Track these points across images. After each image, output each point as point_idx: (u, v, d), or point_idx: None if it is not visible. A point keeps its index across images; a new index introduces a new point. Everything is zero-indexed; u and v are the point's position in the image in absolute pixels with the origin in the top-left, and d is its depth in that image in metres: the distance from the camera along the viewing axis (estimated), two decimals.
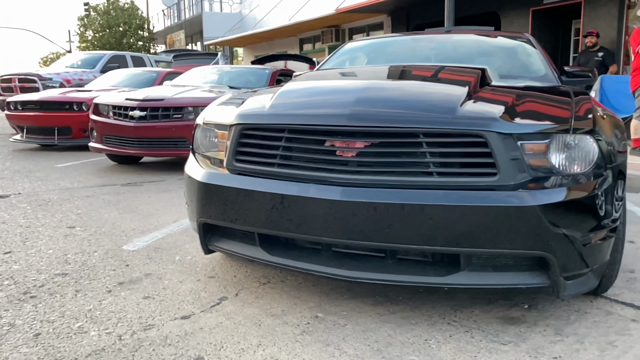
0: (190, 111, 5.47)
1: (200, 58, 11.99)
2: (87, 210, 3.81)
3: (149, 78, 9.06)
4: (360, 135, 1.74)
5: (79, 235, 3.12)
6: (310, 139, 1.83)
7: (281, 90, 2.11)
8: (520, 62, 3.10)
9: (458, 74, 2.31)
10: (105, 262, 2.63)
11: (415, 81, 2.17)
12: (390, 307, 2.06)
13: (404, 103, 1.79)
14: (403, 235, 1.66)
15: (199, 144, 2.28)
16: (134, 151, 5.48)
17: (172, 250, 2.82)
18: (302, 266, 1.86)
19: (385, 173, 1.71)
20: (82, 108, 7.46)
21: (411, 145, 1.71)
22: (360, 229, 1.68)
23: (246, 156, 1.95)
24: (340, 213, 1.67)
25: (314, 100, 1.92)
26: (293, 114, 1.85)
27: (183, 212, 3.72)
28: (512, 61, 3.13)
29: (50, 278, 2.39)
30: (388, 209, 1.64)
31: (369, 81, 2.04)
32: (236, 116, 1.98)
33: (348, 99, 1.82)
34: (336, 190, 1.68)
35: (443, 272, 1.76)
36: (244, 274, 2.45)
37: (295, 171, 1.81)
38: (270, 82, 7.02)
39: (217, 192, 1.94)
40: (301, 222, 1.76)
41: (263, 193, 1.81)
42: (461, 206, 1.61)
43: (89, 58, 12.03)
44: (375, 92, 1.87)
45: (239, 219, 1.91)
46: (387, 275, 1.76)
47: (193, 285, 2.31)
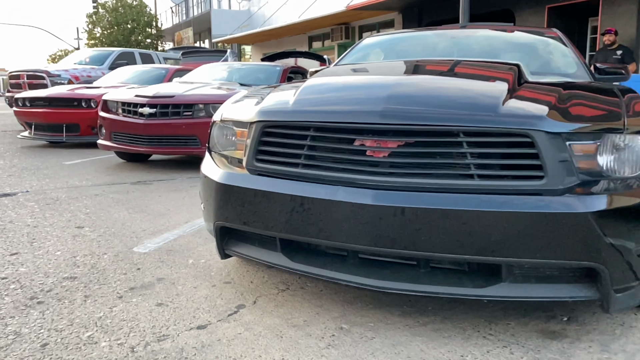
0: (200, 108, 5.35)
1: (209, 55, 11.86)
2: (96, 209, 3.70)
3: (158, 75, 8.97)
4: (393, 134, 1.61)
5: (87, 236, 3.01)
6: (337, 138, 1.69)
7: (305, 86, 1.98)
8: (550, 58, 2.95)
9: (492, 70, 2.16)
10: (115, 265, 2.52)
11: (450, 77, 2.03)
12: (419, 318, 1.93)
13: (441, 100, 1.66)
14: (440, 244, 1.52)
15: (215, 142, 2.15)
16: (144, 149, 5.37)
17: (185, 253, 2.70)
18: (327, 274, 1.73)
19: (420, 175, 1.58)
20: (90, 105, 7.38)
21: (450, 145, 1.57)
22: (393, 236, 1.54)
23: (268, 156, 1.82)
24: (371, 218, 1.54)
25: (342, 96, 1.79)
26: (319, 111, 1.72)
27: (195, 213, 3.60)
28: (541, 57, 2.98)
29: (58, 282, 2.28)
30: (425, 214, 1.50)
31: (401, 76, 1.90)
32: (257, 113, 1.85)
33: (379, 94, 1.69)
34: (367, 193, 1.55)
35: (482, 283, 1.62)
36: (261, 279, 2.32)
37: (321, 172, 1.68)
38: (282, 80, 6.90)
39: (236, 194, 1.81)
40: (327, 227, 1.63)
41: (286, 195, 1.68)
42: (506, 212, 1.47)
43: (97, 55, 11.96)
44: (408, 88, 1.74)
45: (259, 223, 1.78)
46: (420, 286, 1.63)
47: (208, 291, 2.18)
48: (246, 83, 6.59)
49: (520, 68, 2.13)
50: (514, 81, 1.86)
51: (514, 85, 1.83)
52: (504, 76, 1.93)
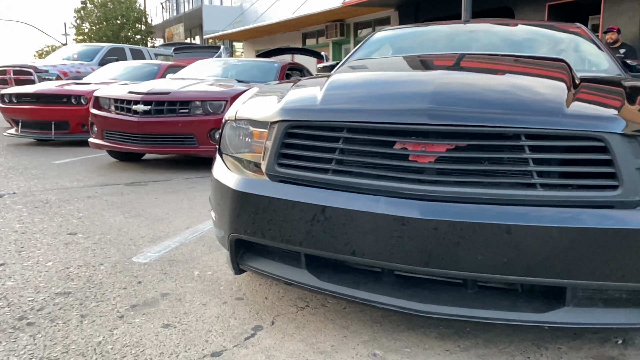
0: (198, 106, 5.12)
1: (202, 51, 11.60)
2: (89, 213, 3.45)
3: (150, 71, 8.70)
4: (442, 136, 1.40)
5: (81, 244, 2.77)
6: (375, 140, 1.48)
7: (332, 81, 1.76)
8: (579, 54, 2.76)
9: (542, 67, 1.95)
10: (113, 277, 2.29)
11: (498, 73, 1.82)
12: (459, 341, 1.73)
13: (497, 98, 1.45)
14: (499, 264, 1.32)
15: (227, 143, 1.93)
16: (138, 148, 5.12)
17: (189, 264, 2.48)
18: (361, 296, 1.52)
19: (472, 184, 1.37)
20: (80, 101, 7.10)
21: (509, 150, 1.37)
22: (445, 255, 1.34)
23: (292, 160, 1.60)
24: (418, 235, 1.33)
25: (377, 93, 1.58)
26: (353, 109, 1.50)
27: (195, 217, 3.37)
28: (569, 53, 2.79)
29: (50, 299, 2.05)
30: (481, 230, 1.30)
31: (444, 71, 1.69)
32: (279, 111, 1.63)
33: (424, 91, 1.48)
34: (414, 205, 1.34)
35: (541, 307, 1.42)
36: (277, 295, 2.10)
37: (354, 179, 1.47)
38: (280, 76, 6.67)
39: (255, 203, 1.59)
40: (364, 243, 1.41)
41: (315, 206, 1.46)
42: (575, 228, 1.27)
43: (86, 50, 11.63)
44: (457, 85, 1.53)
45: (282, 237, 1.56)
46: (471, 311, 1.42)
47: (219, 309, 1.96)
48: (243, 80, 6.35)
49: (568, 64, 1.93)
50: (570, 78, 1.66)
51: (573, 82, 1.63)
52: (558, 73, 1.73)
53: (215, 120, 5.04)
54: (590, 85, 1.71)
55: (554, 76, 1.69)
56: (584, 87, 1.64)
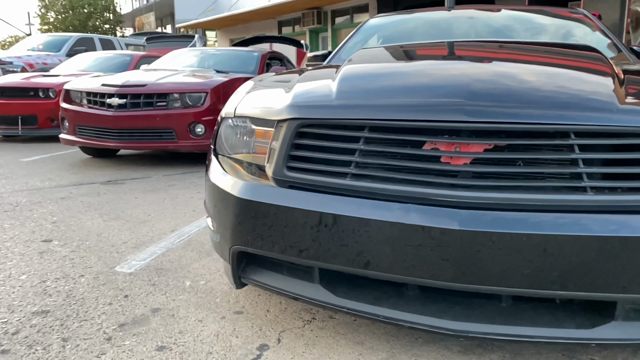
0: (176, 98, 4.87)
1: (175, 41, 11.20)
2: (64, 216, 3.21)
3: (122, 62, 8.36)
4: (479, 135, 1.24)
5: (58, 252, 2.54)
6: (401, 141, 1.32)
7: (345, 73, 1.58)
8: (588, 41, 2.63)
9: (574, 57, 1.79)
10: (96, 291, 2.08)
11: (532, 64, 1.64)
12: (485, 355, 1.58)
13: (541, 92, 1.29)
14: (547, 278, 1.17)
15: (224, 143, 1.73)
16: (113, 144, 4.85)
17: (179, 272, 2.28)
18: (385, 314, 1.36)
19: (512, 189, 1.22)
20: (49, 95, 6.76)
21: (555, 150, 1.22)
22: (485, 270, 1.18)
23: (303, 163, 1.42)
24: (457, 248, 1.17)
25: (403, 86, 1.40)
26: (375, 105, 1.33)
27: (180, 218, 3.16)
28: (578, 40, 2.66)
29: (26, 319, 1.83)
30: (529, 242, 1.14)
31: (475, 63, 1.52)
32: (289, 108, 1.44)
33: (458, 84, 1.31)
34: (453, 215, 1.17)
35: (585, 322, 1.28)
36: (279, 307, 1.93)
37: (377, 185, 1.30)
38: (260, 66, 6.44)
39: (262, 213, 1.41)
40: (391, 257, 1.25)
41: (334, 216, 1.29)
42: (634, 237, 1.13)
43: (53, 41, 11.15)
44: (494, 78, 1.36)
45: (294, 250, 1.39)
46: (509, 328, 1.28)
47: (218, 326, 1.78)
48: (222, 70, 6.10)
49: (603, 54, 1.78)
50: (612, 70, 1.51)
51: (616, 75, 1.48)
52: (599, 65, 1.58)
53: (195, 114, 4.81)
54: (636, 79, 1.56)
55: (596, 68, 1.54)
56: (630, 80, 1.50)
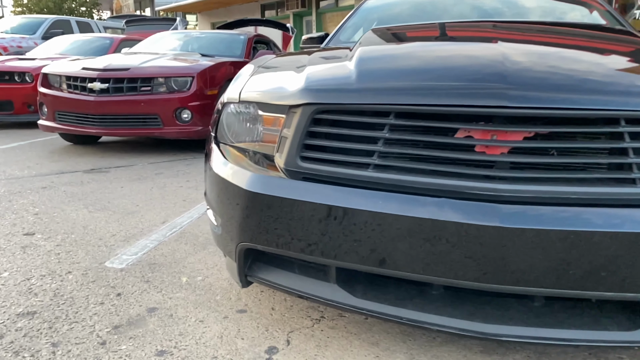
0: (161, 82, 4.68)
1: (156, 24, 10.87)
2: (47, 207, 3.03)
3: (102, 45, 8.07)
4: (519, 122, 1.13)
5: (42, 247, 2.38)
6: (431, 128, 1.20)
7: (363, 55, 1.45)
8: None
9: (610, 40, 1.68)
10: (86, 289, 1.93)
11: (575, 48, 1.52)
12: (507, 355, 1.50)
13: (586, 76, 1.17)
14: (595, 279, 1.07)
15: (226, 130, 1.60)
16: (96, 130, 4.65)
17: (174, 268, 2.15)
18: (410, 316, 1.25)
19: (553, 181, 1.11)
20: (25, 79, 6.48)
21: (601, 138, 1.12)
22: (528, 271, 1.08)
23: (319, 152, 1.30)
24: (497, 246, 1.07)
25: (432, 68, 1.27)
26: (403, 89, 1.20)
27: (170, 209, 3.01)
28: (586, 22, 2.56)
29: (11, 323, 1.68)
30: (578, 239, 1.04)
31: (510, 44, 1.40)
32: (303, 92, 1.31)
33: (494, 66, 1.20)
34: (494, 211, 1.07)
35: (627, 323, 1.20)
36: (284, 304, 1.82)
37: (403, 177, 1.18)
38: (247, 50, 6.25)
39: (274, 208, 1.28)
40: (422, 256, 1.14)
41: (357, 212, 1.17)
42: None
43: (27, 23, 10.73)
44: (532, 60, 1.24)
45: (310, 249, 1.27)
46: (546, 331, 1.18)
47: (221, 327, 1.66)
48: (208, 54, 5.91)
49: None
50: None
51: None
52: (624, 45, 1.48)
53: (181, 99, 4.63)
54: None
55: (633, 51, 1.44)
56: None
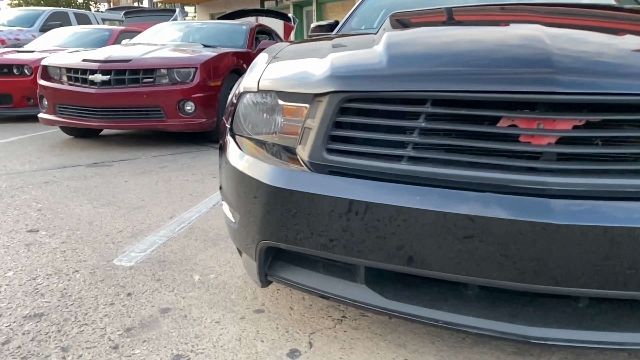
0: (163, 74, 4.58)
1: (155, 15, 10.74)
2: (50, 203, 2.95)
3: (101, 37, 7.95)
4: (568, 109, 1.04)
5: (47, 244, 2.30)
6: (471, 116, 1.11)
7: (392, 39, 1.35)
8: None
9: (629, 20, 1.59)
10: (95, 289, 1.85)
11: (621, 33, 1.43)
12: (543, 356, 1.42)
13: (636, 59, 1.09)
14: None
15: (242, 122, 1.51)
16: (97, 123, 4.55)
17: (185, 265, 2.06)
18: (447, 319, 1.17)
19: (608, 173, 1.03)
20: (24, 72, 6.38)
21: None
22: (587, 272, 0.99)
23: (346, 144, 1.21)
24: (549, 244, 0.98)
25: (468, 52, 1.18)
26: (441, 74, 1.11)
27: (177, 203, 2.93)
28: None
29: (18, 326, 1.60)
30: (637, 237, 0.96)
31: (550, 27, 1.30)
32: (329, 79, 1.22)
33: (536, 49, 1.11)
34: (547, 206, 0.98)
35: None
36: (302, 303, 1.74)
37: (441, 170, 1.10)
38: (250, 40, 6.14)
39: (300, 204, 1.20)
40: (467, 256, 1.06)
41: (393, 208, 1.09)
42: None
43: (25, 15, 10.59)
44: (578, 44, 1.15)
45: (337, 247, 1.18)
46: (596, 334, 1.10)
47: (238, 328, 1.58)
48: (210, 44, 5.79)
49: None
50: None
51: None
52: None
53: (184, 90, 4.53)
54: None
55: None
56: None
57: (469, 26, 1.51)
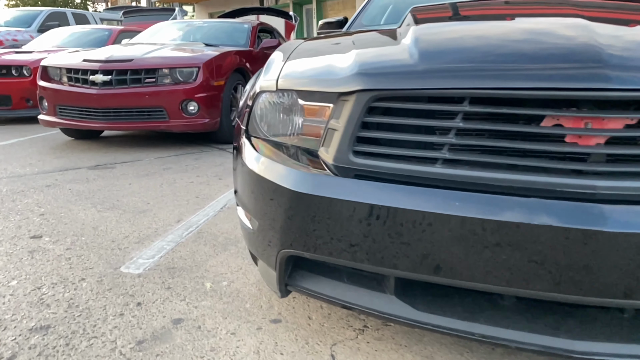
0: (166, 74, 4.50)
1: (154, 15, 10.65)
2: (53, 207, 2.87)
3: (100, 37, 7.86)
4: (618, 107, 0.97)
5: (51, 251, 2.22)
6: (513, 115, 1.04)
7: (420, 34, 1.27)
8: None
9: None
10: (102, 298, 1.78)
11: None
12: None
13: None
14: None
15: (258, 123, 1.43)
16: (99, 125, 4.47)
17: (195, 272, 1.99)
18: (485, 332, 1.10)
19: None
20: (23, 73, 6.29)
21: None
22: (637, 282, 0.92)
23: (374, 146, 1.13)
24: (601, 254, 0.91)
25: (508, 47, 1.09)
26: (480, 70, 1.03)
27: (183, 206, 2.85)
28: None
29: (23, 340, 1.52)
30: None
31: (591, 22, 1.23)
32: (356, 76, 1.14)
33: (581, 44, 1.03)
34: (601, 212, 0.90)
35: None
36: (320, 312, 1.66)
37: (479, 173, 1.02)
38: (252, 39, 6.05)
39: (327, 211, 1.12)
40: (509, 266, 0.98)
41: (428, 215, 1.01)
42: None
43: (22, 15, 10.50)
44: (625, 38, 1.07)
45: (367, 257, 1.11)
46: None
47: (256, 340, 1.50)
48: (212, 43, 5.72)
49: None
50: None
51: None
52: None
53: (187, 90, 4.45)
54: None
55: None
56: None
57: (503, 20, 1.43)
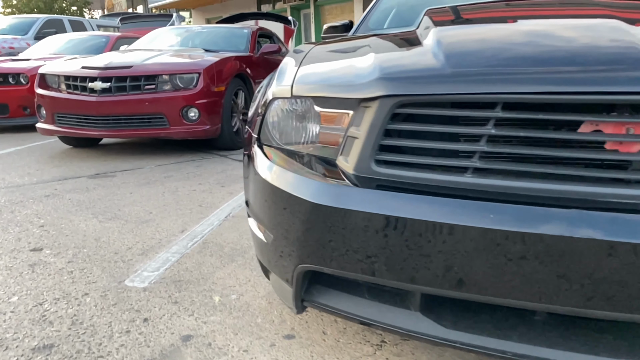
0: (166, 80, 4.44)
1: (152, 21, 10.60)
2: (53, 218, 2.80)
3: (98, 44, 7.81)
4: None
5: (52, 264, 2.15)
6: (548, 121, 0.98)
7: (444, 36, 1.21)
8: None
9: None
10: (107, 314, 1.71)
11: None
12: None
13: None
14: None
15: (271, 131, 1.37)
16: (98, 132, 4.41)
17: (202, 285, 1.92)
18: (519, 351, 1.03)
19: None
20: (20, 80, 6.23)
21: None
22: None
23: (398, 155, 1.07)
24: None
25: (541, 49, 1.04)
26: (513, 73, 0.97)
27: (187, 215, 2.78)
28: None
29: (26, 359, 1.46)
30: None
31: (623, 22, 1.17)
32: (378, 81, 1.08)
33: (620, 46, 0.97)
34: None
35: None
36: (335, 327, 1.60)
37: (512, 183, 0.96)
38: (252, 44, 6.01)
39: (348, 224, 1.06)
40: (547, 281, 0.92)
41: (460, 229, 0.95)
42: None
43: (19, 23, 10.45)
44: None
45: (390, 273, 1.04)
46: None
47: (269, 357, 1.44)
48: (211, 49, 5.66)
49: None
50: None
51: None
52: None
53: (187, 97, 4.39)
54: None
55: None
56: None
57: (531, 20, 1.38)
